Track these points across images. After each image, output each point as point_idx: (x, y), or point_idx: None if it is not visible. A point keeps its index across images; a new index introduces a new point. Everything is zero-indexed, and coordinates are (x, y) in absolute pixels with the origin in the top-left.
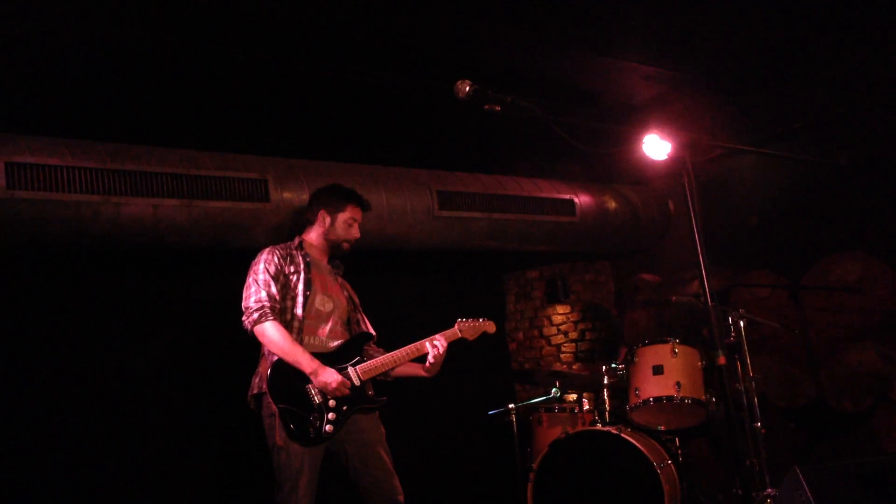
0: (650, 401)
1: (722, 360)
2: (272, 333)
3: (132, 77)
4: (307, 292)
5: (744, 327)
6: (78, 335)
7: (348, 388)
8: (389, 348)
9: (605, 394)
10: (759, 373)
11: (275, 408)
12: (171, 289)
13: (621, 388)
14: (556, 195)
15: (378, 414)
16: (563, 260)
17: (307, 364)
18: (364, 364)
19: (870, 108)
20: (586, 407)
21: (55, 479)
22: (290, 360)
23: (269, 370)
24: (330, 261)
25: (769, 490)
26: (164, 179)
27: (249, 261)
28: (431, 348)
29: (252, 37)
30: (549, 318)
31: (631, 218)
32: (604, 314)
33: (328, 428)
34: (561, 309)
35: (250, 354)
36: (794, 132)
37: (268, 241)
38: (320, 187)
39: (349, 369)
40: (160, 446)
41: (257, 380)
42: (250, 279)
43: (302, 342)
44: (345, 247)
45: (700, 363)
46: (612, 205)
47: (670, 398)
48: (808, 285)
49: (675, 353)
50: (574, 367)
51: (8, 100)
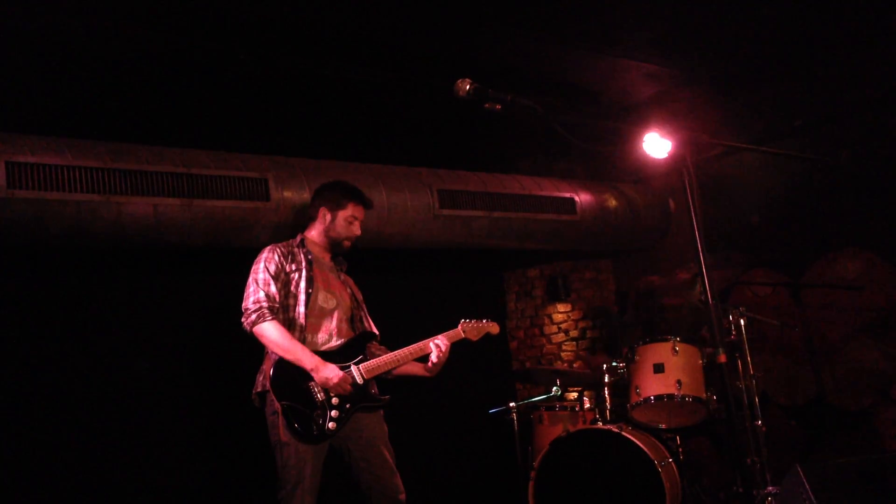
0: (651, 399)
1: (723, 359)
2: (271, 333)
3: (132, 76)
4: (309, 290)
5: (744, 325)
6: (79, 334)
7: (350, 383)
8: (390, 346)
9: (606, 392)
10: (759, 371)
11: (278, 405)
12: (171, 288)
13: (622, 387)
14: (557, 193)
15: (382, 413)
16: (564, 258)
17: (308, 361)
18: (367, 363)
19: (870, 107)
20: (587, 405)
21: (56, 478)
22: (290, 358)
23: (272, 368)
24: (332, 258)
25: (770, 488)
26: (164, 179)
27: (250, 260)
28: (434, 349)
29: (252, 36)
30: (549, 317)
31: (631, 216)
32: (606, 314)
33: (331, 425)
34: (562, 307)
35: (251, 353)
36: (794, 130)
37: (268, 240)
38: (323, 184)
39: (352, 367)
40: (162, 446)
41: (261, 377)
42: (250, 278)
43: (305, 341)
44: (345, 245)
45: (701, 361)
46: (613, 203)
47: (671, 396)
48: (809, 283)
49: (676, 351)
50: (575, 365)
51: (8, 99)
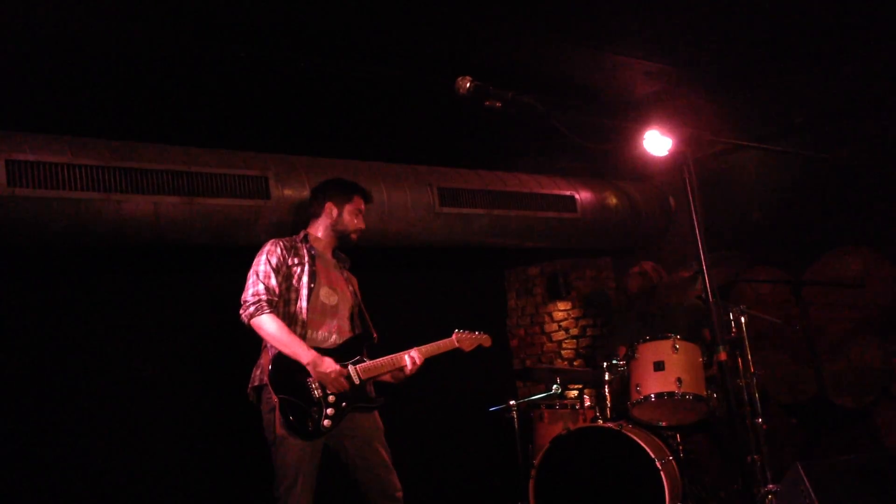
0: (651, 397)
1: (723, 356)
2: (268, 326)
3: (133, 74)
4: (311, 284)
5: (745, 323)
6: (79, 332)
7: (346, 377)
8: (389, 345)
9: (606, 390)
10: (760, 369)
11: (275, 399)
12: (172, 286)
13: (622, 385)
14: (557, 191)
15: (377, 412)
16: (565, 256)
17: (304, 355)
18: (364, 364)
19: (871, 104)
20: (587, 403)
21: (56, 478)
22: (287, 352)
23: (271, 362)
24: (334, 254)
25: (770, 486)
26: (164, 177)
27: (250, 258)
28: (409, 362)
29: (252, 34)
30: (550, 315)
31: (632, 214)
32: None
33: (326, 423)
34: (562, 305)
35: (252, 350)
36: (795, 128)
37: (268, 238)
38: (323, 181)
39: (349, 367)
40: (162, 442)
41: (258, 372)
42: (251, 270)
43: (305, 336)
44: (353, 238)
45: (701, 359)
46: (613, 201)
47: (671, 394)
48: (810, 281)
49: (676, 349)
50: (575, 363)
51: (8, 97)
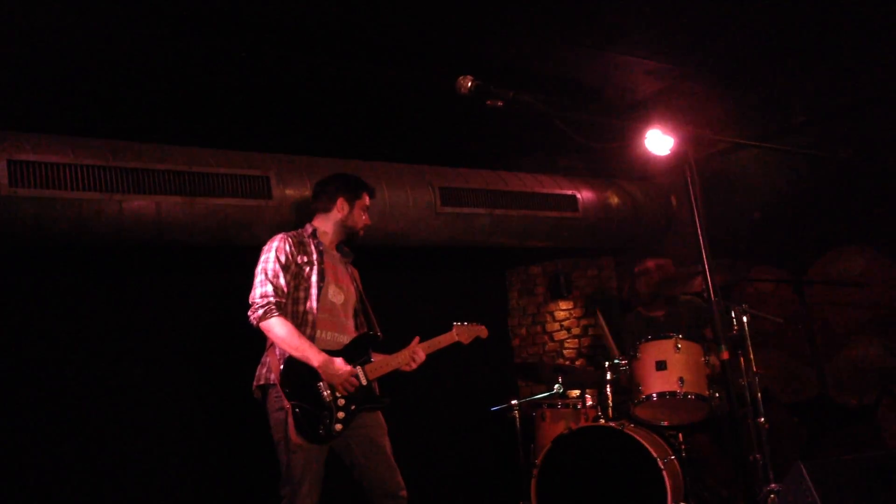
0: (653, 396)
1: (725, 356)
2: (278, 330)
3: (134, 74)
4: (321, 283)
5: (747, 322)
6: (80, 332)
7: (356, 376)
8: (391, 345)
9: (608, 389)
10: (762, 368)
11: (287, 404)
12: (173, 285)
13: (624, 384)
14: (559, 191)
15: (380, 411)
16: (566, 255)
17: (315, 357)
18: (371, 364)
19: (873, 103)
20: (589, 403)
21: (56, 478)
22: (298, 355)
23: (282, 365)
24: (339, 248)
25: (773, 485)
26: (166, 176)
27: (252, 257)
28: (413, 360)
29: (253, 33)
30: (551, 314)
31: (633, 213)
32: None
33: (337, 427)
34: (564, 304)
35: (253, 350)
36: (797, 126)
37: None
38: (331, 176)
39: (357, 368)
40: (164, 442)
41: (264, 370)
42: (259, 268)
43: (315, 338)
44: (360, 234)
45: (703, 358)
46: (615, 200)
47: (673, 394)
48: (812, 280)
49: (679, 348)
50: (577, 362)
51: (10, 98)
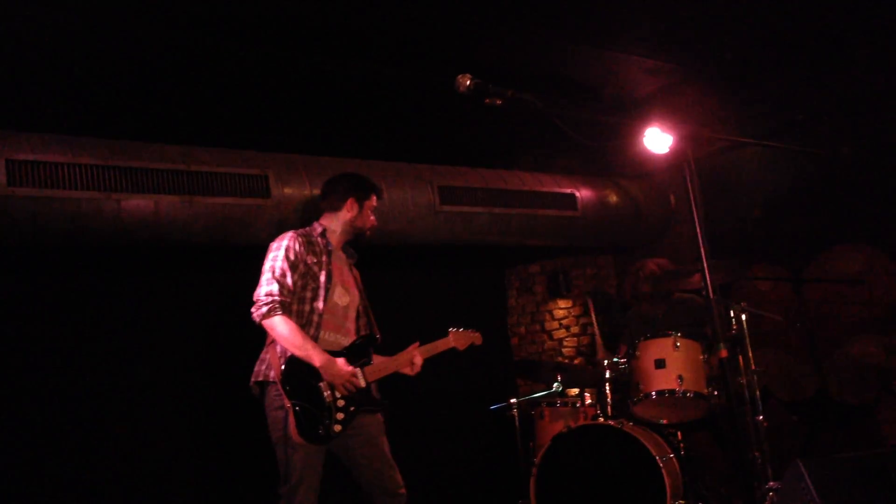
0: (652, 394)
1: (724, 354)
2: (281, 329)
3: (132, 74)
4: (328, 284)
5: (746, 320)
6: (79, 332)
7: (356, 377)
8: (390, 344)
9: (607, 388)
10: (761, 366)
11: (288, 403)
12: (172, 285)
13: (623, 383)
14: (558, 189)
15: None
16: (565, 254)
17: (317, 357)
18: (371, 366)
19: (872, 101)
20: (588, 401)
21: (56, 478)
22: (300, 354)
23: (284, 365)
24: (344, 248)
25: (772, 483)
26: (164, 176)
27: (251, 257)
28: (411, 365)
29: (252, 32)
30: (550, 313)
31: (632, 212)
32: (606, 302)
33: (336, 428)
34: (563, 303)
35: (252, 350)
36: (796, 125)
37: (269, 237)
38: (341, 175)
39: (357, 370)
40: (163, 441)
41: (263, 367)
42: (267, 266)
43: (318, 339)
44: (367, 234)
45: (702, 356)
46: (614, 198)
47: (672, 392)
48: (811, 278)
49: (677, 346)
50: (576, 361)
51: (8, 97)
